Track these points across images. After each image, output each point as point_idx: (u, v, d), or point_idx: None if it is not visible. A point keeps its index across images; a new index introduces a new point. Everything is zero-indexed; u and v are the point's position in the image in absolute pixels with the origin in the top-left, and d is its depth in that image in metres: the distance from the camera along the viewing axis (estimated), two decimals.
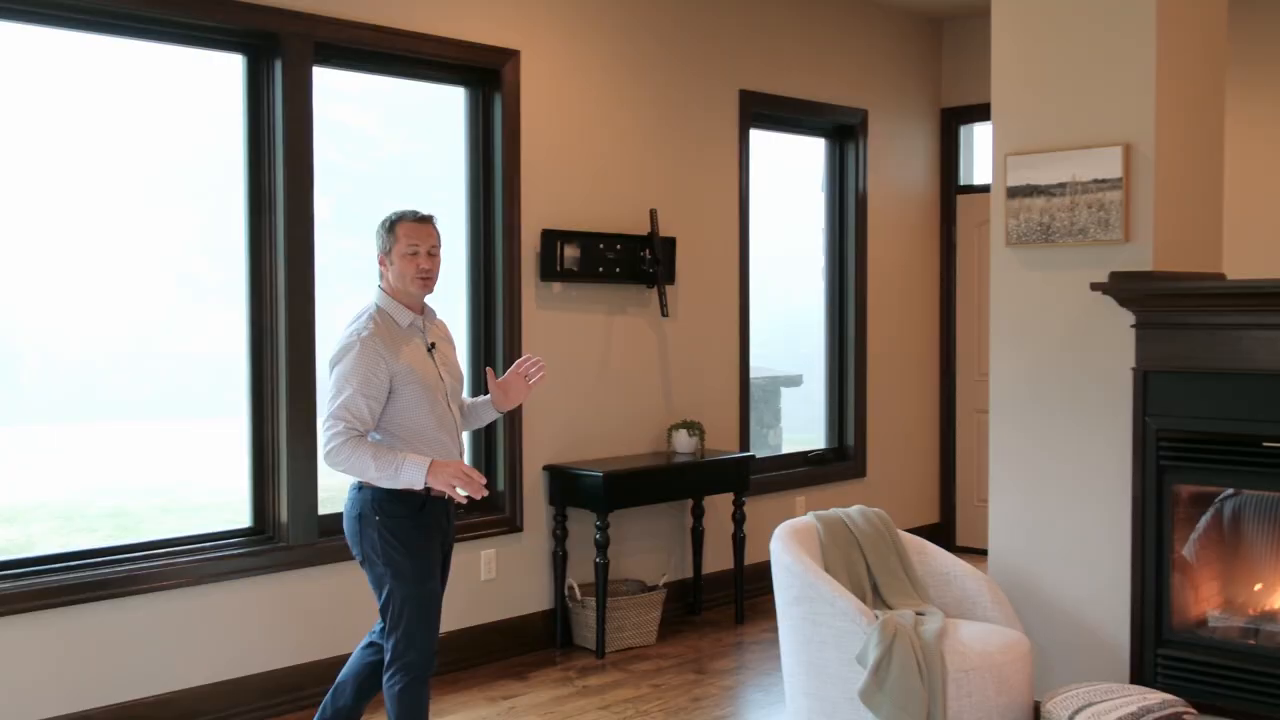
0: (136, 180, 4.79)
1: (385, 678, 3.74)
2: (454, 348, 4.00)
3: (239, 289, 4.90)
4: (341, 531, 5.03)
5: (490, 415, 4.06)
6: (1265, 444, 4.07)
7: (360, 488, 3.72)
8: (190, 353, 5.02)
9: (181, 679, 4.60)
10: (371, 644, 3.96)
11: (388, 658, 3.73)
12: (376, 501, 3.67)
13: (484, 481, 3.61)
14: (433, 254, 3.76)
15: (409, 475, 3.56)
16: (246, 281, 4.89)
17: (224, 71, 4.89)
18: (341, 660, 5.00)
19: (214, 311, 5.04)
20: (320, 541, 4.95)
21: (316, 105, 4.98)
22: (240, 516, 4.92)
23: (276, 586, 4.84)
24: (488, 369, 4.07)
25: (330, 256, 5.22)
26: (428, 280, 3.75)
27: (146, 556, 4.58)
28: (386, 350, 3.64)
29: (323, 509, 5.00)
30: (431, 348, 3.79)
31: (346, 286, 5.39)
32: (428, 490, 3.64)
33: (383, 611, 3.73)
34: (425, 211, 3.81)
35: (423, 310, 3.84)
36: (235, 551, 4.76)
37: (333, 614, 5.01)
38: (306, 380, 4.91)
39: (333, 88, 5.21)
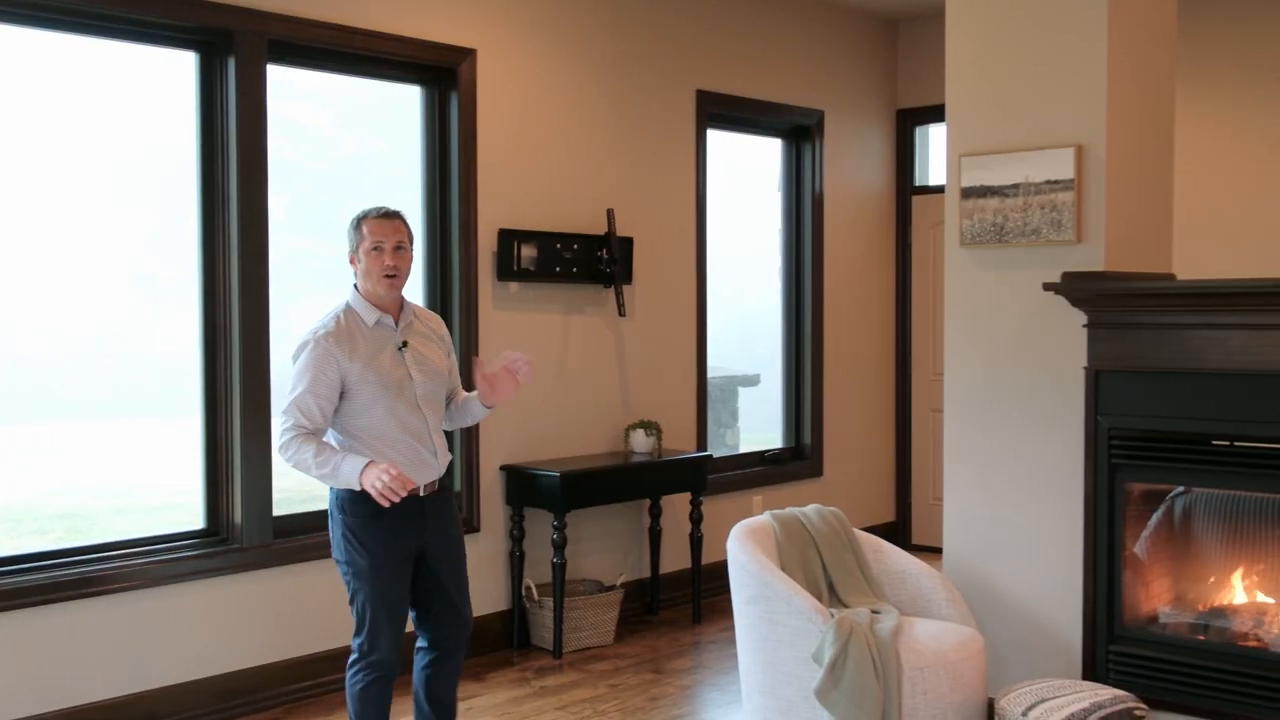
0: (88, 178, 4.74)
1: (348, 675, 3.74)
2: (444, 347, 3.89)
3: (192, 288, 4.85)
4: (296, 532, 5.04)
5: (479, 412, 3.96)
6: (1214, 442, 4.12)
7: (332, 487, 3.72)
8: (143, 352, 4.97)
9: (136, 682, 4.55)
10: (425, 664, 3.93)
11: (352, 656, 3.73)
12: (340, 500, 3.68)
13: (404, 490, 3.50)
14: (400, 249, 3.70)
15: (346, 474, 3.54)
16: (199, 281, 4.85)
17: (177, 69, 4.84)
18: (298, 662, 4.98)
19: (167, 311, 4.99)
20: (275, 543, 4.91)
21: (271, 104, 4.94)
22: (194, 518, 4.88)
23: (231, 588, 4.81)
24: (475, 358, 3.95)
25: (285, 256, 5.19)
26: (393, 278, 3.69)
27: (99, 559, 4.53)
28: (340, 350, 3.61)
29: (277, 510, 4.97)
30: (403, 346, 3.73)
31: (302, 286, 5.35)
32: None
33: (352, 610, 3.74)
34: (393, 208, 3.77)
35: (401, 308, 3.78)
36: (189, 553, 4.72)
37: (288, 615, 4.98)
38: (260, 380, 4.87)
39: (288, 86, 5.17)
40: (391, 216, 3.72)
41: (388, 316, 3.73)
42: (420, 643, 3.91)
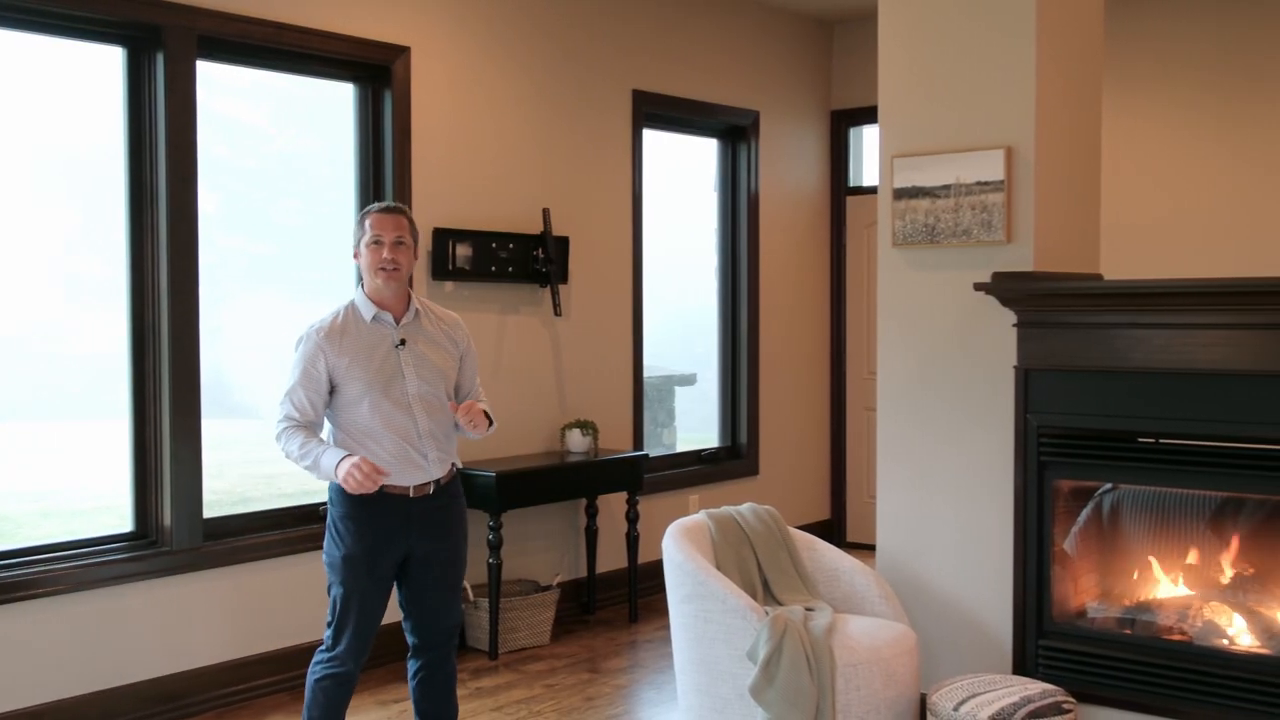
0: (12, 175, 4.65)
1: (311, 662, 3.75)
2: (452, 345, 3.84)
3: (119, 287, 4.78)
4: (228, 535, 4.98)
5: (472, 433, 3.86)
6: (1140, 440, 4.19)
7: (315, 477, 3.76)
8: (69, 352, 4.88)
9: (63, 688, 4.47)
10: (414, 671, 3.91)
11: (324, 643, 3.75)
12: (331, 492, 3.74)
13: (377, 481, 3.54)
14: (401, 244, 3.69)
15: (324, 466, 3.59)
16: (127, 279, 4.77)
17: (104, 64, 4.76)
18: (230, 666, 4.92)
19: (94, 310, 4.91)
20: (205, 545, 4.85)
21: (204, 100, 4.88)
22: (122, 521, 4.80)
23: (159, 592, 4.73)
24: (450, 404, 3.81)
25: (218, 254, 5.13)
26: (393, 272, 3.68)
27: (24, 563, 4.45)
28: (329, 344, 3.64)
29: (208, 512, 4.91)
30: (400, 344, 3.70)
31: (235, 284, 5.29)
32: (380, 487, 3.63)
33: (328, 601, 3.77)
34: (396, 204, 3.80)
35: (406, 305, 3.76)
36: (117, 557, 4.64)
37: (220, 619, 4.91)
38: (190, 380, 4.80)
39: (221, 82, 5.11)
40: (394, 211, 3.74)
41: (387, 314, 3.72)
42: (410, 648, 3.90)
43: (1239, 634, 4.20)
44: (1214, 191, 6.66)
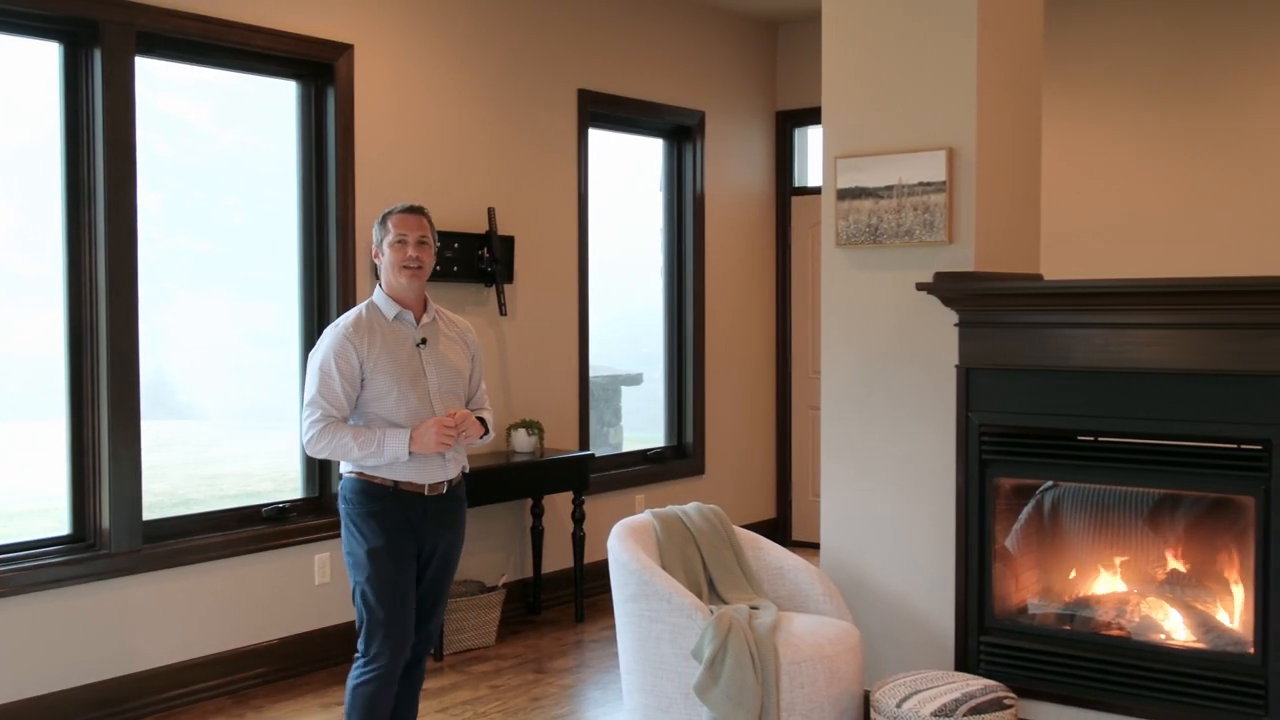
0: None
1: (354, 667, 3.70)
2: (465, 350, 3.90)
3: (56, 286, 4.70)
4: (167, 537, 4.92)
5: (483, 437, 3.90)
6: (1079, 438, 4.25)
7: (340, 477, 3.74)
8: (4, 352, 4.80)
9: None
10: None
11: (359, 649, 3.70)
12: (345, 491, 3.71)
13: (458, 432, 3.62)
14: (424, 244, 3.74)
15: (393, 446, 3.59)
16: (64, 278, 4.70)
17: (40, 60, 4.69)
18: (171, 669, 4.86)
19: (30, 309, 4.83)
20: (145, 548, 4.78)
21: (145, 97, 4.82)
22: (59, 523, 4.72)
23: (98, 595, 4.67)
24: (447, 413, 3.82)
25: (160, 253, 5.07)
26: (417, 270, 3.72)
27: None
28: (358, 338, 3.66)
29: (148, 514, 4.85)
30: (421, 343, 3.74)
31: (178, 283, 5.23)
32: (395, 484, 3.64)
33: (354, 607, 3.72)
34: (417, 204, 3.83)
35: (424, 306, 3.81)
36: (54, 560, 4.57)
37: (158, 623, 4.85)
38: (129, 381, 4.74)
39: (163, 79, 5.05)
40: (416, 211, 3.78)
41: (408, 312, 3.76)
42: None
43: (1175, 629, 4.27)
44: (1163, 193, 6.74)
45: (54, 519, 4.73)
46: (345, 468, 3.74)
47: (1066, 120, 6.88)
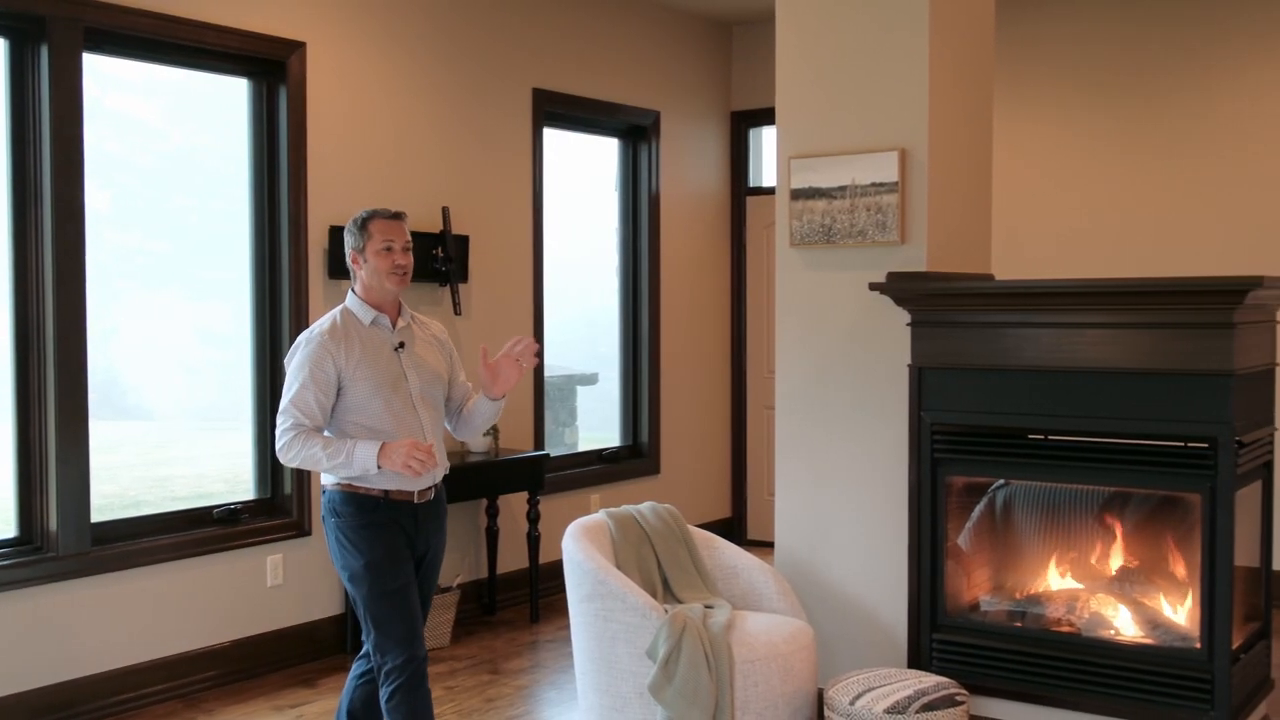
0: None
1: (380, 691, 3.63)
2: (442, 351, 3.86)
3: (2, 285, 4.64)
4: (117, 539, 4.87)
5: (488, 409, 3.87)
6: (1030, 436, 4.29)
7: (324, 490, 3.66)
8: None
9: None
10: (362, 673, 3.80)
11: (375, 668, 3.64)
12: (333, 503, 3.64)
13: (434, 459, 3.52)
14: (408, 249, 3.72)
15: (361, 458, 3.50)
16: (10, 277, 4.64)
17: None
18: (119, 673, 4.80)
19: None
20: (93, 550, 4.73)
21: (94, 94, 4.76)
22: (5, 526, 4.66)
23: (45, 599, 4.61)
24: (483, 348, 3.88)
25: (111, 251, 5.01)
26: (403, 276, 3.69)
27: None
28: (336, 346, 3.60)
29: (96, 516, 4.79)
30: (400, 347, 3.70)
31: (129, 282, 5.17)
32: (386, 493, 3.59)
33: (360, 619, 3.66)
34: (396, 209, 3.78)
35: (398, 310, 3.76)
36: (0, 563, 4.51)
37: (107, 626, 4.79)
38: (77, 381, 4.68)
39: (113, 76, 4.99)
40: (399, 217, 3.75)
41: (384, 317, 3.72)
42: (368, 653, 3.76)
43: (1124, 625, 4.32)
44: (1115, 193, 6.81)
45: (0, 521, 4.67)
46: (328, 479, 3.65)
47: (1019, 121, 6.94)
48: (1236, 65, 6.47)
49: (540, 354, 6.69)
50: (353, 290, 3.76)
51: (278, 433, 3.59)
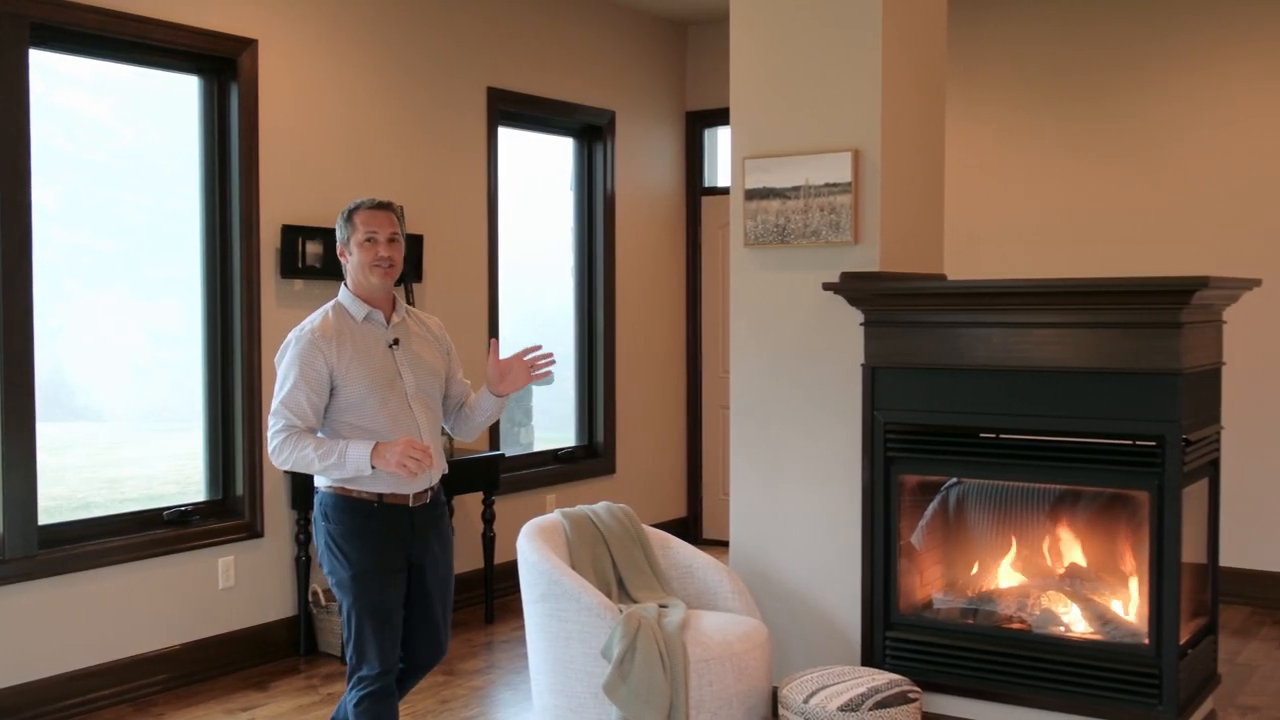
0: None
1: (347, 694, 3.58)
2: (439, 347, 3.75)
3: None
4: (65, 542, 4.80)
5: (490, 405, 3.78)
6: (982, 435, 4.32)
7: (316, 492, 3.58)
8: None
9: None
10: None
11: (348, 671, 3.58)
12: (324, 507, 3.55)
13: (430, 459, 3.43)
14: (394, 241, 3.58)
15: (355, 459, 3.40)
16: None
17: None
18: (67, 678, 4.74)
19: None
20: (41, 554, 4.66)
21: (41, 91, 4.70)
22: None
23: None
24: (492, 341, 3.81)
25: (59, 250, 4.94)
26: (389, 269, 3.56)
27: None
28: (327, 344, 3.48)
29: (45, 518, 4.73)
30: (394, 344, 3.59)
31: (79, 282, 5.11)
32: (380, 497, 3.50)
33: (342, 624, 3.60)
34: (385, 199, 3.66)
35: (393, 305, 3.65)
36: None
37: (54, 630, 4.73)
38: (24, 381, 4.62)
39: (61, 73, 4.93)
40: (385, 207, 3.61)
41: (378, 312, 3.61)
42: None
43: (1074, 621, 4.37)
44: (1067, 194, 6.87)
45: None
46: (320, 481, 3.57)
47: (971, 122, 6.99)
48: (1178, 66, 6.54)
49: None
50: (345, 285, 3.64)
51: (269, 435, 3.49)
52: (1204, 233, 6.45)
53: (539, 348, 3.79)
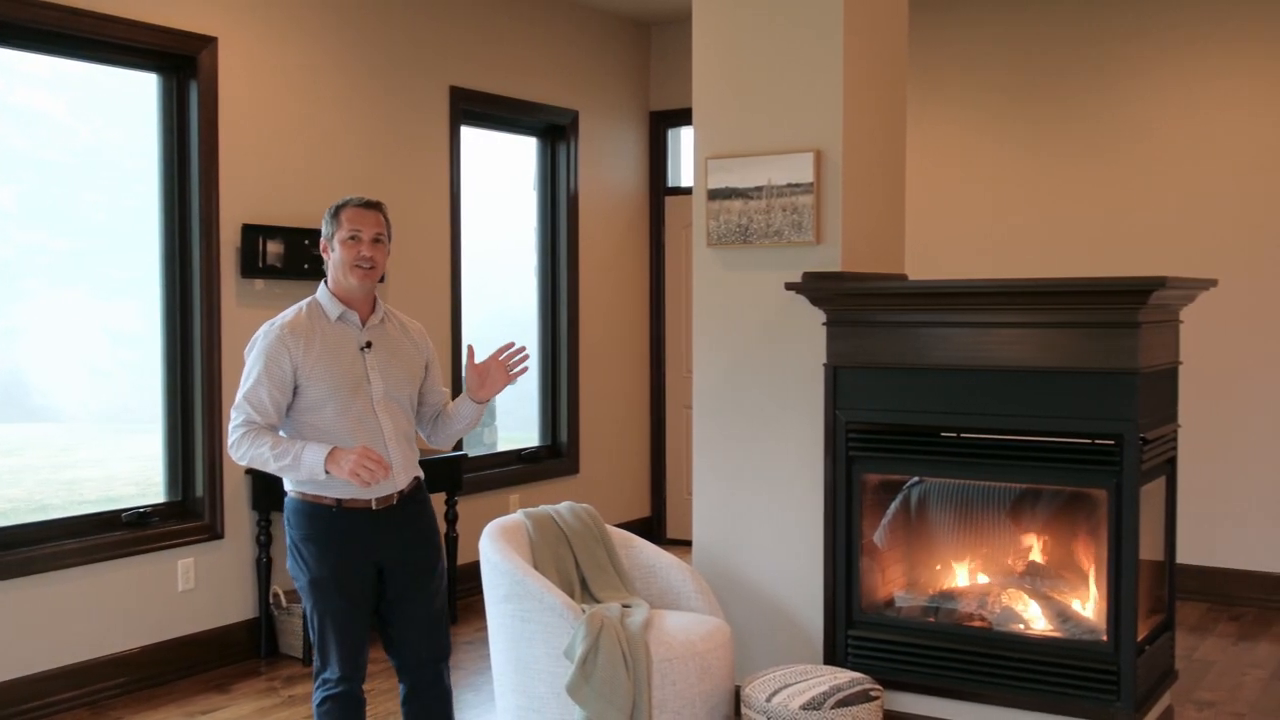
0: None
1: (314, 694, 3.57)
2: (417, 353, 3.66)
3: None
4: (20, 545, 4.75)
5: (470, 411, 3.70)
6: (943, 434, 4.35)
7: (286, 494, 3.53)
8: None
9: None
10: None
11: (314, 670, 3.58)
12: (288, 511, 3.51)
13: (386, 469, 3.36)
14: (379, 242, 3.51)
15: (309, 462, 3.34)
16: None
17: None
18: (21, 682, 4.69)
19: None
20: None
21: (0, 89, 4.66)
22: None
23: None
24: (469, 347, 3.75)
25: (16, 250, 4.89)
26: (369, 270, 3.48)
27: None
28: (295, 341, 3.42)
29: (1, 521, 4.67)
30: (367, 346, 3.51)
31: (36, 281, 5.06)
32: (339, 502, 3.44)
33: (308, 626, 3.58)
34: (373, 199, 3.59)
35: (372, 307, 3.58)
36: None
37: (11, 634, 4.68)
38: None
39: (17, 70, 4.87)
40: (372, 207, 3.55)
41: (353, 313, 3.53)
42: (395, 670, 3.71)
43: (1034, 619, 4.40)
44: (1028, 194, 6.92)
45: None
46: (287, 484, 3.52)
47: (933, 123, 7.03)
48: (1138, 68, 6.61)
49: (457, 353, 6.64)
50: (324, 282, 3.58)
51: (229, 428, 3.44)
52: (1164, 233, 6.51)
53: (512, 344, 3.72)
